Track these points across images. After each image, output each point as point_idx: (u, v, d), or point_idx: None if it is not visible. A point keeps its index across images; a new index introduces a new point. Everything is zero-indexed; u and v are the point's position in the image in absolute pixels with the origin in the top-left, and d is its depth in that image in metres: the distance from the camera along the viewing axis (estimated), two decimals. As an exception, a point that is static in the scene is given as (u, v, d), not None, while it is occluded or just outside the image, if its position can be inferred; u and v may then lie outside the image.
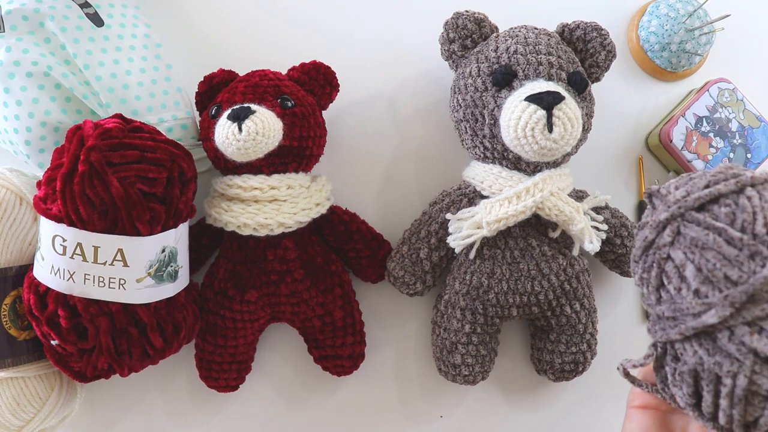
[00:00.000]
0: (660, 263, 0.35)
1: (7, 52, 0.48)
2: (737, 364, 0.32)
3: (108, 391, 0.57)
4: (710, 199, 0.34)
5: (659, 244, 0.35)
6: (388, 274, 0.55)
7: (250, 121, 0.47)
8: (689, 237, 0.33)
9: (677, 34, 0.59)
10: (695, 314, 0.33)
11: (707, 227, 0.33)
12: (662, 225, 0.35)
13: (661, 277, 0.35)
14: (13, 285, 0.49)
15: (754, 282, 0.31)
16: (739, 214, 0.33)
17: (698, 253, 0.33)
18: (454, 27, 0.52)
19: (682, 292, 0.34)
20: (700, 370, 0.34)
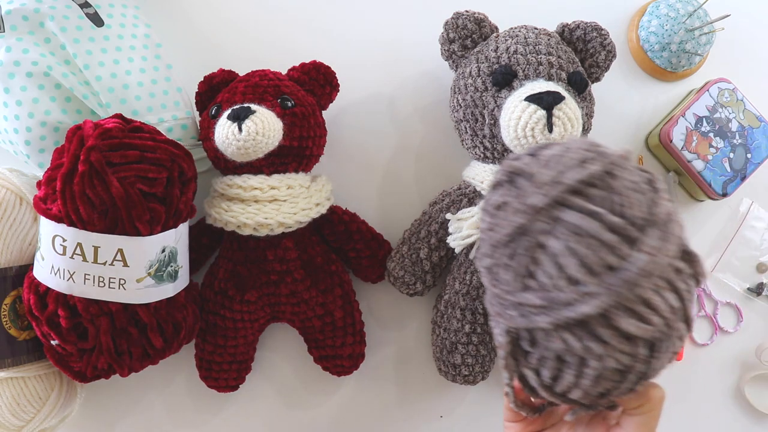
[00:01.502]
0: (532, 250, 0.33)
1: (7, 52, 0.48)
2: (608, 347, 0.32)
3: (108, 392, 0.57)
4: (589, 181, 0.32)
5: (534, 230, 0.33)
6: (388, 274, 0.55)
7: (250, 121, 0.47)
8: (569, 224, 0.32)
9: (677, 34, 0.59)
10: (571, 303, 0.32)
11: (586, 214, 0.31)
12: (538, 210, 0.33)
13: (532, 264, 0.33)
14: (13, 285, 0.49)
15: (631, 269, 0.30)
16: (614, 197, 0.32)
17: (577, 241, 0.31)
18: (454, 27, 0.52)
19: (556, 281, 0.32)
20: (566, 354, 0.33)
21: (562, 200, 0.32)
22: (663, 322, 0.31)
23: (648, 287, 0.31)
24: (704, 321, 0.62)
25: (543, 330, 0.33)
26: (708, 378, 0.62)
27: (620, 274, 0.30)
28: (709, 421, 0.62)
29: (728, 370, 0.62)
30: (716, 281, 0.62)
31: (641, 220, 0.31)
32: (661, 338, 0.32)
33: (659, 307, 0.31)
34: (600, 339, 0.32)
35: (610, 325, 0.31)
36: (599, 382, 0.33)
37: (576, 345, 0.32)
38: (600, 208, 0.31)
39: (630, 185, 0.32)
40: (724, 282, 0.62)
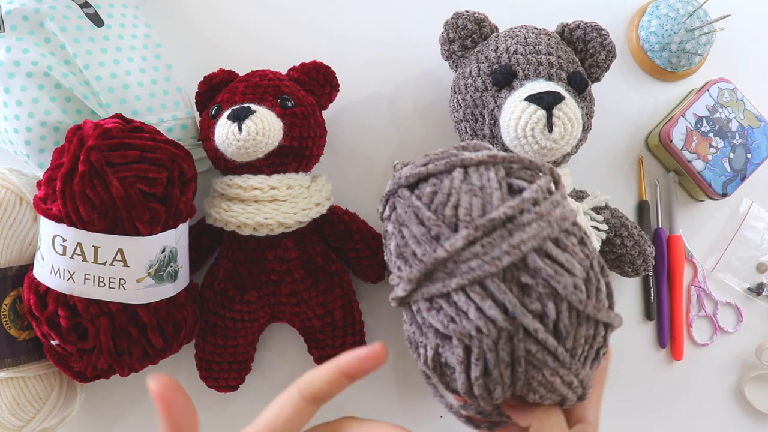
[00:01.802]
0: (384, 235, 0.37)
1: (7, 52, 0.48)
2: (424, 336, 0.33)
3: (108, 391, 0.57)
4: (420, 177, 0.34)
5: (384, 216, 0.36)
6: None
7: (250, 121, 0.47)
8: (397, 212, 0.34)
9: (677, 34, 0.59)
10: (394, 286, 0.34)
11: (408, 205, 0.34)
12: (385, 199, 0.36)
13: (385, 249, 0.36)
14: (13, 285, 0.49)
15: (428, 261, 0.31)
16: (438, 194, 0.33)
17: (398, 229, 0.34)
18: (454, 27, 0.52)
19: (391, 264, 0.35)
20: (412, 338, 0.35)
21: (396, 190, 0.35)
22: (471, 326, 0.30)
23: (451, 287, 0.31)
24: (704, 321, 0.62)
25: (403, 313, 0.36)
26: (708, 378, 0.62)
27: (417, 269, 0.32)
28: (709, 421, 0.62)
29: (728, 370, 0.62)
30: (716, 281, 0.62)
31: (456, 220, 0.31)
32: (475, 347, 0.31)
33: (470, 314, 0.30)
34: (417, 324, 0.34)
35: (420, 315, 0.33)
36: (438, 375, 0.34)
37: (409, 329, 0.35)
38: (420, 202, 0.33)
39: (467, 187, 0.32)
40: (724, 282, 0.62)
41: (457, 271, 0.31)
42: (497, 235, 0.31)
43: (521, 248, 0.30)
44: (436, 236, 0.32)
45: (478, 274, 0.30)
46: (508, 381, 0.31)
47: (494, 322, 0.30)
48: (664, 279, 0.61)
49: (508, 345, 0.30)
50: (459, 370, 0.32)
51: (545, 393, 0.32)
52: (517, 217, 0.31)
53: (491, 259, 0.30)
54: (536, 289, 0.30)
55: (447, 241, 0.31)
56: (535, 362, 0.31)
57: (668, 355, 0.61)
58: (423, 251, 0.32)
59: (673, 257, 0.61)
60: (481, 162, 0.33)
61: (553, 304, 0.30)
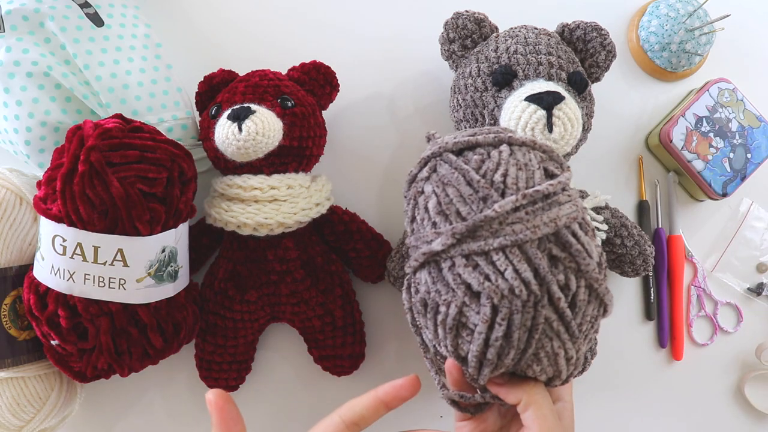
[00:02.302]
0: (415, 196, 0.38)
1: (7, 52, 0.48)
2: (451, 293, 0.35)
3: (108, 391, 0.57)
4: (468, 146, 0.37)
5: (418, 178, 0.38)
6: (388, 274, 0.55)
7: (250, 121, 0.47)
8: (440, 173, 0.36)
9: (677, 34, 0.59)
10: (428, 242, 0.35)
11: (455, 167, 0.36)
12: (424, 162, 0.38)
13: (414, 209, 0.38)
14: (13, 285, 0.49)
15: (476, 219, 0.33)
16: (486, 162, 0.35)
17: (442, 188, 0.36)
18: (454, 27, 0.52)
19: (424, 223, 0.36)
20: (427, 299, 0.36)
21: (441, 153, 0.37)
22: (506, 286, 0.33)
23: (493, 246, 0.33)
24: (704, 321, 0.62)
25: (418, 273, 0.37)
26: (708, 378, 0.62)
27: (464, 223, 0.34)
28: (709, 421, 0.62)
29: (728, 370, 0.62)
30: (716, 281, 0.62)
31: (504, 187, 0.34)
32: (504, 307, 0.33)
33: (507, 273, 0.33)
34: (445, 282, 0.35)
35: (454, 270, 0.34)
36: (452, 337, 0.35)
37: (431, 288, 0.36)
38: (468, 166, 0.35)
39: (514, 161, 0.35)
40: (724, 282, 0.62)
41: (500, 233, 0.33)
42: (539, 206, 0.34)
43: (557, 222, 0.34)
44: (483, 198, 0.34)
45: (519, 237, 0.33)
46: (521, 347, 0.34)
47: (527, 285, 0.32)
48: (664, 279, 0.61)
49: (532, 310, 0.33)
50: (480, 329, 0.34)
51: (546, 365, 0.35)
52: (555, 195, 0.35)
53: (532, 226, 0.33)
54: (563, 261, 0.34)
55: (496, 203, 0.33)
56: (549, 332, 0.34)
57: (668, 355, 0.61)
58: (468, 210, 0.34)
59: (673, 257, 0.61)
60: (525, 144, 0.36)
61: (575, 278, 0.34)
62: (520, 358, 0.34)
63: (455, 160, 0.36)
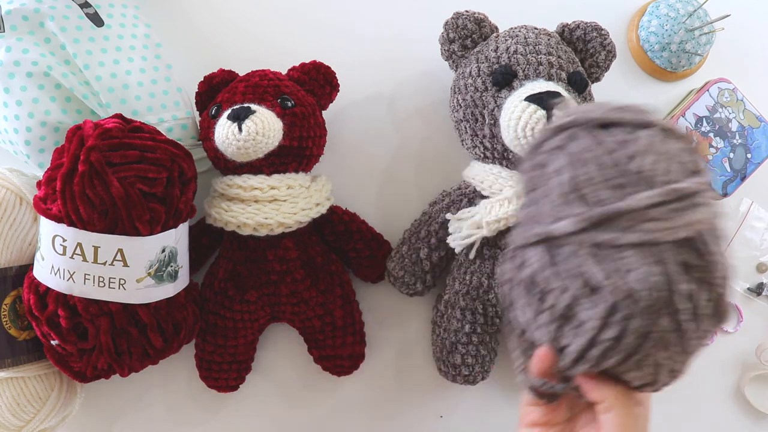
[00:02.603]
0: (543, 164, 0.33)
1: (7, 52, 0.48)
2: (568, 281, 0.31)
3: (108, 391, 0.57)
4: (612, 121, 0.32)
5: (548, 146, 0.33)
6: (388, 274, 0.55)
7: (250, 121, 0.47)
8: (578, 145, 0.32)
9: (677, 34, 0.59)
10: (548, 222, 0.32)
11: (598, 143, 0.31)
12: (558, 129, 0.33)
13: (537, 179, 0.34)
14: (13, 285, 0.49)
15: (614, 208, 0.30)
16: (632, 144, 0.31)
17: (578, 164, 0.31)
18: (454, 27, 0.52)
19: (549, 197, 0.32)
20: (537, 279, 0.33)
21: (583, 123, 0.32)
22: (631, 287, 0.29)
23: (626, 241, 0.29)
24: (704, 321, 0.62)
25: (527, 249, 0.33)
26: (708, 378, 0.62)
27: (599, 210, 0.30)
28: (709, 420, 0.62)
29: (728, 370, 0.62)
30: (716, 281, 0.62)
31: (648, 176, 0.30)
32: (624, 308, 0.29)
33: (633, 275, 0.29)
34: (564, 267, 0.31)
35: (577, 257, 0.31)
36: (555, 327, 0.32)
37: (543, 271, 0.32)
38: (614, 145, 0.31)
39: (664, 150, 0.31)
40: (724, 282, 0.62)
41: (636, 228, 0.30)
42: (680, 206, 0.30)
43: (695, 227, 0.30)
44: (624, 184, 0.30)
45: (656, 237, 0.29)
46: (629, 352, 0.30)
47: (654, 290, 0.29)
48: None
49: (653, 316, 0.29)
50: (591, 326, 0.30)
51: (646, 374, 0.32)
52: (697, 196, 0.31)
53: (670, 227, 0.30)
54: (694, 271, 0.30)
55: (638, 194, 0.30)
56: (662, 342, 0.30)
57: (668, 355, 0.61)
58: (607, 195, 0.30)
59: (673, 257, 0.61)
60: (671, 132, 0.32)
61: (702, 291, 0.30)
62: (622, 363, 0.31)
63: (598, 135, 0.32)
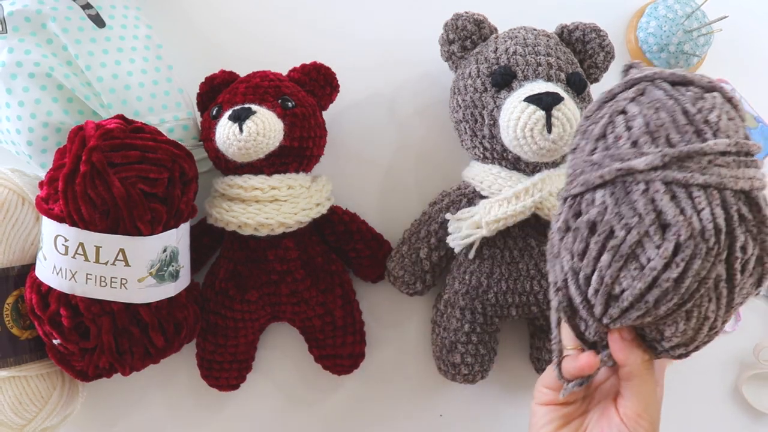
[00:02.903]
0: (612, 114, 0.35)
1: (10, 53, 0.49)
2: (637, 218, 0.33)
3: (109, 390, 0.57)
4: (681, 81, 0.35)
5: (621, 97, 0.36)
6: (388, 274, 0.55)
7: (251, 122, 0.48)
8: (652, 96, 0.34)
9: (675, 35, 0.59)
10: (625, 159, 0.33)
11: (671, 95, 0.34)
12: (631, 83, 0.36)
13: (607, 127, 0.36)
14: (15, 285, 0.49)
15: (690, 148, 0.32)
16: (701, 101, 0.34)
17: (653, 111, 0.34)
18: (454, 28, 0.53)
19: (620, 141, 0.34)
20: (599, 221, 0.34)
21: (653, 79, 0.35)
22: (699, 226, 0.31)
23: (698, 181, 0.32)
24: (702, 320, 0.62)
25: (591, 192, 0.35)
26: (706, 377, 0.62)
27: (678, 149, 0.32)
28: (707, 420, 0.62)
29: (726, 369, 0.62)
30: (714, 281, 0.63)
31: (716, 129, 0.33)
32: (688, 247, 0.31)
33: (702, 213, 0.31)
34: (633, 205, 0.33)
35: (648, 195, 0.32)
36: (617, 268, 0.33)
37: (611, 209, 0.33)
38: (685, 99, 0.33)
39: (727, 110, 0.34)
40: (722, 282, 0.62)
41: (707, 171, 0.32)
42: (743, 160, 0.33)
43: (753, 182, 0.33)
44: (697, 131, 0.33)
45: (724, 181, 0.32)
46: (685, 298, 0.32)
47: (718, 232, 0.31)
48: (663, 279, 0.61)
49: (711, 260, 0.32)
50: (654, 265, 0.32)
51: (691, 327, 0.34)
52: (753, 156, 0.34)
53: (735, 176, 0.32)
54: (749, 223, 0.32)
55: (711, 140, 0.32)
56: (713, 291, 0.33)
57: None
58: (680, 139, 0.33)
59: (671, 257, 0.61)
60: (731, 98, 0.35)
61: (755, 246, 0.33)
62: (674, 311, 0.33)
63: (670, 88, 0.34)
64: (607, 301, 0.34)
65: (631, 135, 0.34)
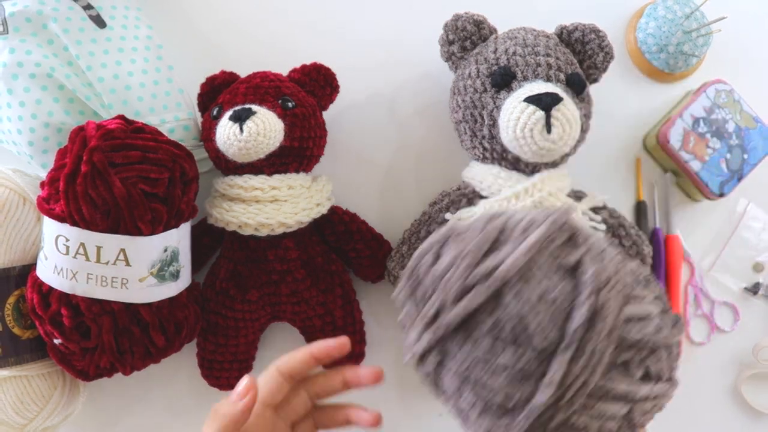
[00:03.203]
0: (434, 380, 0.32)
1: (11, 53, 0.49)
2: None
3: (110, 390, 0.57)
4: (468, 314, 0.30)
5: (425, 370, 0.32)
6: (388, 274, 0.55)
7: (252, 122, 0.48)
8: (458, 360, 0.30)
9: (675, 35, 0.59)
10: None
11: (473, 350, 0.30)
12: (426, 350, 0.32)
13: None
14: (16, 284, 0.49)
15: (530, 410, 0.28)
16: (504, 321, 0.28)
17: (473, 373, 0.29)
18: (454, 29, 0.53)
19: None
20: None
21: (447, 339, 0.31)
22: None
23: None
24: (701, 320, 0.62)
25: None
26: (705, 377, 0.62)
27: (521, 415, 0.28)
28: (706, 419, 0.62)
29: (725, 369, 0.62)
30: (713, 281, 0.63)
31: (542, 345, 0.28)
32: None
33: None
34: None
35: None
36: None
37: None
38: (487, 340, 0.29)
39: (535, 298, 0.28)
40: (720, 282, 0.63)
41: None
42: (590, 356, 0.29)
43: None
44: (523, 378, 0.29)
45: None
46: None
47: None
48: (662, 278, 0.61)
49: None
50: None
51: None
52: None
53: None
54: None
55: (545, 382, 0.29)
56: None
57: (666, 354, 0.62)
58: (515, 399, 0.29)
59: (670, 257, 0.61)
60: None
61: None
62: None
63: (467, 348, 0.31)
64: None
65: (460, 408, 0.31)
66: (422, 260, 0.33)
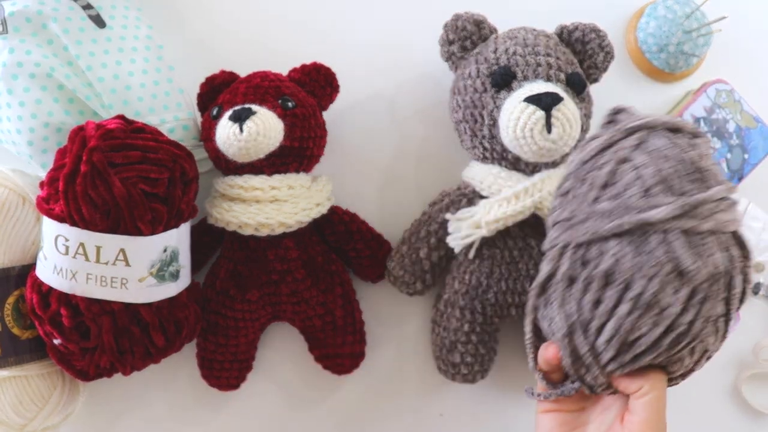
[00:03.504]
0: (617, 162, 0.36)
1: (11, 53, 0.49)
2: (657, 267, 0.34)
3: (110, 390, 0.57)
4: (675, 127, 0.37)
5: (622, 145, 0.37)
6: (388, 274, 0.55)
7: (251, 122, 0.48)
8: (655, 144, 0.36)
9: (675, 35, 0.59)
10: (641, 209, 0.34)
11: (673, 143, 0.36)
12: (631, 131, 0.37)
13: (611, 175, 0.36)
14: (16, 284, 0.49)
15: (701, 196, 0.34)
16: (696, 147, 0.36)
17: (660, 161, 0.35)
18: (454, 28, 0.53)
19: (630, 191, 0.35)
20: (615, 271, 0.35)
21: (653, 126, 0.37)
22: (711, 271, 0.33)
23: (707, 228, 0.34)
24: (702, 320, 0.62)
25: (600, 243, 0.36)
26: (705, 376, 0.62)
27: (693, 198, 0.34)
28: (706, 419, 0.62)
29: (725, 369, 0.62)
30: (714, 281, 0.63)
31: (713, 176, 0.35)
32: (703, 290, 0.33)
33: (712, 258, 0.33)
34: (652, 254, 0.34)
35: (667, 243, 0.34)
36: (636, 316, 0.34)
37: (629, 260, 0.34)
38: (684, 147, 0.36)
39: (712, 159, 0.36)
40: (721, 281, 0.63)
41: (710, 217, 0.34)
42: (731, 203, 0.36)
43: (736, 223, 0.36)
44: (701, 179, 0.35)
45: (721, 226, 0.34)
46: (693, 338, 0.34)
47: (726, 273, 0.34)
48: (662, 278, 0.61)
49: (719, 300, 0.35)
50: (673, 311, 0.34)
51: (694, 360, 0.36)
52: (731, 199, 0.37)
53: (728, 219, 0.35)
54: (737, 260, 0.35)
55: (716, 187, 0.35)
56: (714, 327, 0.35)
57: (666, 354, 0.62)
58: (691, 187, 0.34)
59: (670, 257, 0.61)
60: (710, 144, 0.39)
61: (744, 281, 0.36)
62: (683, 349, 0.35)
63: (672, 137, 0.36)
64: (620, 348, 0.35)
65: (644, 184, 0.35)
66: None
